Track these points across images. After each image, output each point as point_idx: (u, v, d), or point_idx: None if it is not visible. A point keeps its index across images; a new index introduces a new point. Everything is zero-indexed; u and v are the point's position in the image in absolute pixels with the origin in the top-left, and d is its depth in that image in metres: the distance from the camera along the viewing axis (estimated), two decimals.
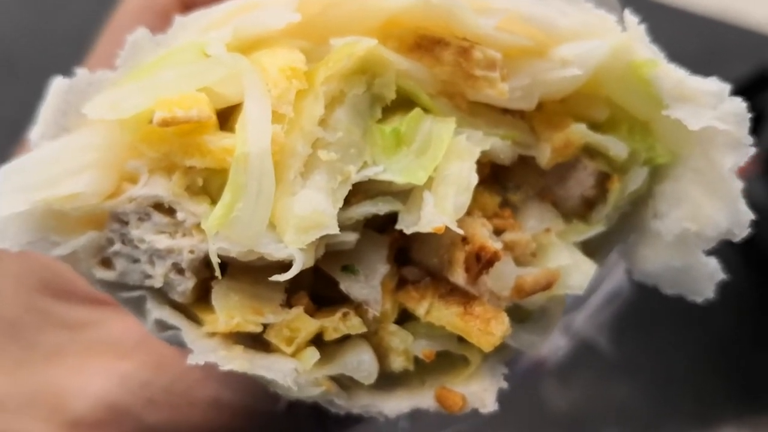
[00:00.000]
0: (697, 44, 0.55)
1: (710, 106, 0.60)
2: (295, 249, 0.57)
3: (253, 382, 0.78)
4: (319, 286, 0.67)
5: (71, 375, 0.90)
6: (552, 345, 1.22)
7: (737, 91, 0.63)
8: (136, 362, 0.90)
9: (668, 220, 0.67)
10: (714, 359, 1.85)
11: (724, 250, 0.67)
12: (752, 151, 0.60)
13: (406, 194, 0.64)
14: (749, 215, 0.61)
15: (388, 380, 0.69)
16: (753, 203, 0.63)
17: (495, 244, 0.63)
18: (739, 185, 0.61)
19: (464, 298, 0.64)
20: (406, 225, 0.62)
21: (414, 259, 0.68)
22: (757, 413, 1.82)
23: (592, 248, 0.71)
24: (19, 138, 0.92)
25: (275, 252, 0.58)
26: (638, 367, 1.82)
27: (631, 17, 0.63)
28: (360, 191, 0.63)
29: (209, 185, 0.61)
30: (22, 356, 0.93)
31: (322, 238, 0.60)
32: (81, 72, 0.61)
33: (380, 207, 0.62)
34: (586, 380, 1.81)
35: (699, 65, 0.66)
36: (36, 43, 2.01)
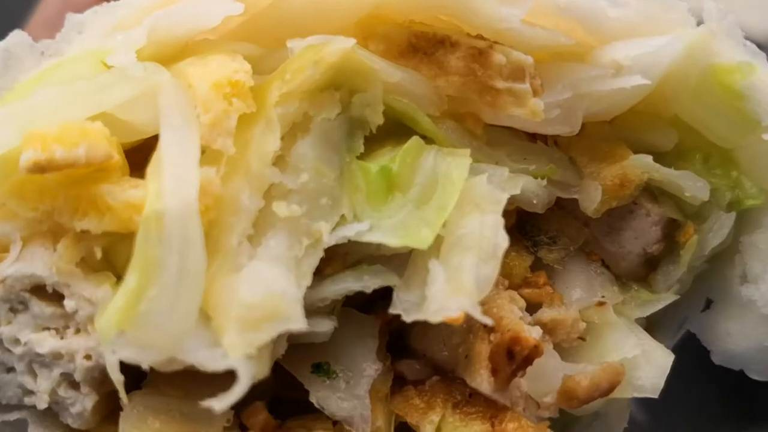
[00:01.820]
0: None
1: None
2: (238, 358, 0.39)
3: None
4: (280, 388, 0.52)
5: None
6: None
7: None
8: None
9: (764, 285, 0.54)
10: (713, 376, 1.83)
11: None
12: None
13: (402, 259, 0.49)
14: None
15: None
16: None
17: (533, 332, 0.47)
18: None
19: (490, 408, 0.50)
20: (405, 308, 0.47)
21: (414, 349, 0.53)
22: (756, 426, 1.79)
23: (651, 321, 0.57)
24: None
25: (208, 362, 0.41)
26: None
27: (711, 4, 0.50)
28: (337, 257, 0.49)
29: (113, 256, 0.46)
30: None
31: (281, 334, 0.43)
32: None
33: (366, 282, 0.48)
34: None
35: None
36: None
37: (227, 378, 0.43)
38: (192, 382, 0.47)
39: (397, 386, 0.52)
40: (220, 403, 0.40)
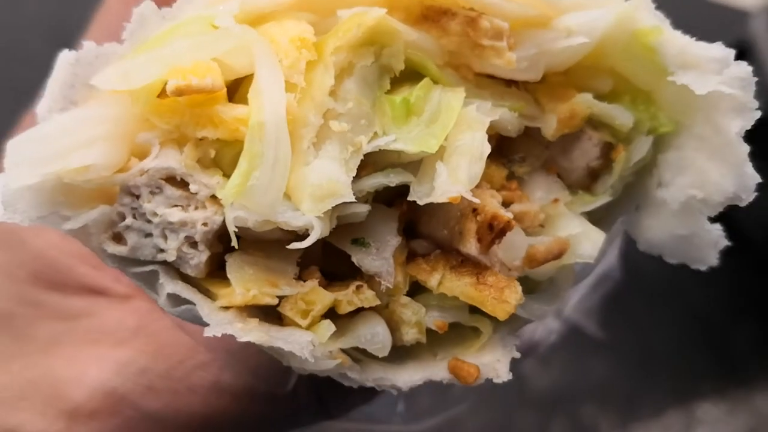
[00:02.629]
0: (673, 21, 0.56)
1: (715, 72, 0.61)
2: (312, 217, 0.57)
3: (260, 362, 0.78)
4: (326, 264, 0.67)
5: (67, 365, 0.89)
6: (545, 328, 1.22)
7: None
8: (133, 349, 0.89)
9: (673, 188, 0.67)
10: (691, 337, 1.89)
11: None
12: (758, 114, 0.61)
13: (416, 166, 0.64)
14: (756, 178, 0.62)
15: (399, 353, 0.69)
16: None
17: (506, 214, 0.63)
18: (745, 149, 0.62)
19: (476, 268, 0.65)
20: (419, 196, 0.62)
21: (423, 233, 0.68)
22: (734, 388, 1.85)
23: (597, 219, 0.71)
24: None
25: (292, 220, 0.58)
26: (617, 345, 1.85)
27: None
28: (369, 164, 0.63)
29: (221, 157, 0.61)
30: (16, 348, 0.91)
31: (334, 209, 0.60)
32: (88, 44, 0.60)
33: (391, 178, 0.62)
34: (565, 359, 1.84)
35: None
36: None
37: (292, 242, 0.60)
38: (269, 248, 0.63)
39: (410, 258, 0.67)
40: (302, 244, 0.58)
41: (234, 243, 0.58)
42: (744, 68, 0.61)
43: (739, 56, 0.61)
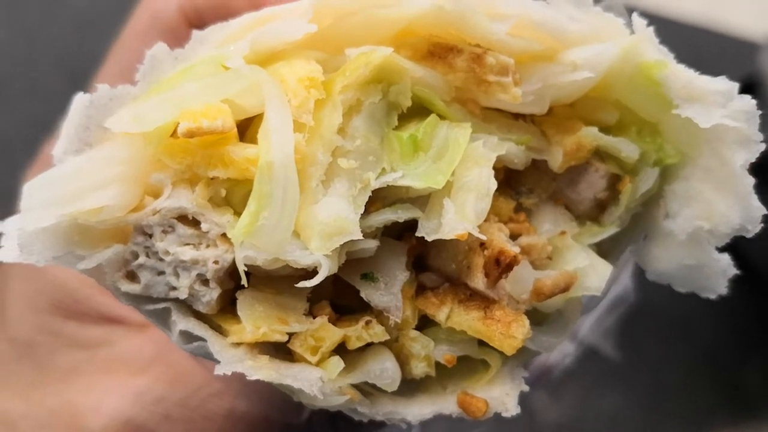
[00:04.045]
0: (682, 52, 0.56)
1: (719, 105, 0.61)
2: (321, 255, 0.58)
3: (273, 393, 0.78)
4: (337, 296, 0.68)
5: (86, 394, 0.90)
6: (560, 352, 1.23)
7: None
8: (151, 378, 0.90)
9: (680, 219, 0.68)
10: (705, 368, 1.87)
11: None
12: (762, 147, 0.62)
13: (424, 201, 0.65)
14: (762, 210, 0.63)
15: (409, 387, 0.70)
16: None
17: (513, 248, 0.64)
18: (750, 181, 0.62)
19: (484, 302, 0.66)
20: (427, 232, 0.63)
21: (431, 266, 0.69)
22: (745, 422, 1.83)
23: (605, 250, 0.72)
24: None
25: (301, 259, 0.59)
26: (630, 377, 1.83)
27: (639, 20, 0.64)
28: (378, 199, 0.64)
29: (231, 196, 0.62)
30: (36, 377, 0.93)
31: (343, 245, 0.61)
32: (102, 87, 0.61)
33: (400, 214, 0.63)
34: (576, 391, 1.82)
35: None
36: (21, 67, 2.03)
37: (302, 279, 0.60)
38: (279, 285, 0.64)
39: (419, 291, 0.67)
40: (310, 282, 0.59)
41: (244, 281, 0.59)
42: (748, 101, 0.61)
43: (748, 89, 0.61)
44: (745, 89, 0.61)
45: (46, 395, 0.89)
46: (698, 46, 2.18)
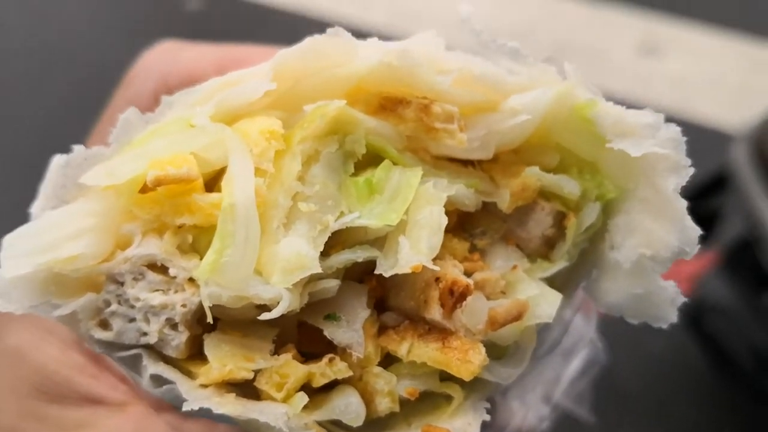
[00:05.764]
0: None
1: (649, 136, 0.66)
2: (282, 288, 0.62)
3: None
4: (302, 344, 0.71)
5: None
6: (535, 415, 1.23)
7: (696, 192, 0.67)
8: None
9: (624, 249, 0.71)
10: (706, 395, 1.84)
11: (684, 344, 0.69)
12: (691, 171, 0.66)
13: (381, 242, 0.69)
14: (697, 231, 0.66)
15: (375, 426, 0.71)
16: (710, 300, 0.66)
17: (466, 280, 0.67)
18: (683, 204, 0.66)
19: (442, 334, 0.68)
20: (385, 269, 0.66)
21: (392, 306, 0.72)
22: None
23: (558, 286, 0.75)
24: None
25: (263, 293, 0.62)
26: None
27: (570, 66, 0.70)
28: (338, 243, 0.68)
29: (198, 242, 0.66)
30: None
31: (305, 285, 0.65)
32: (77, 148, 0.66)
33: (359, 254, 0.67)
34: None
35: None
36: None
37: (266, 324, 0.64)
38: (246, 329, 0.67)
39: (381, 331, 0.70)
40: (271, 315, 0.62)
41: (210, 319, 0.62)
42: (674, 129, 0.66)
43: (720, 180, 0.65)
44: (717, 180, 0.65)
45: None
46: None
